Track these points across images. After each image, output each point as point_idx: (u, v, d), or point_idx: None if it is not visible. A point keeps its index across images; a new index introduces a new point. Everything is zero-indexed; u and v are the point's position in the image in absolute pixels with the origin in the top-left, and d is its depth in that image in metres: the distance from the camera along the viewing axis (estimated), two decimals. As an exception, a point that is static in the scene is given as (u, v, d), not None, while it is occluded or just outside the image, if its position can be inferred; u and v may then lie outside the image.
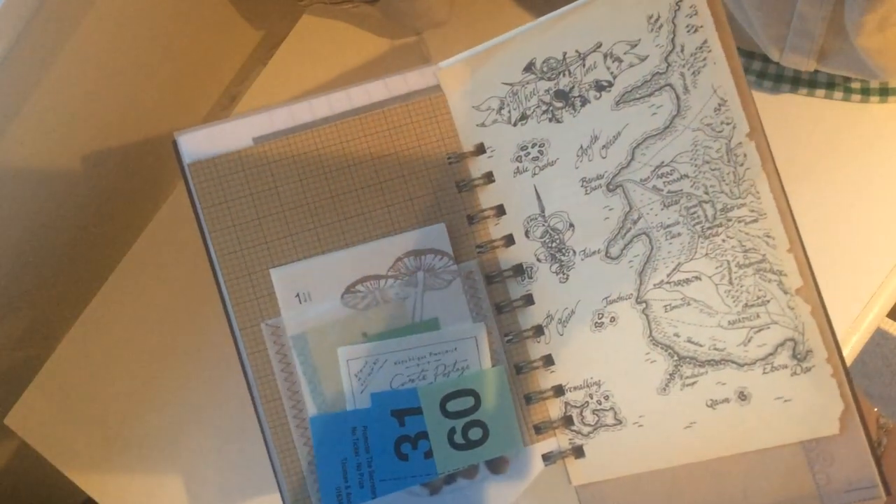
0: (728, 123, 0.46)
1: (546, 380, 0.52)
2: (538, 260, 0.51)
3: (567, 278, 0.51)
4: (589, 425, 0.51)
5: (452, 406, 0.50)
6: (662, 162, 0.48)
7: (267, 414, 0.50)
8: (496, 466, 0.51)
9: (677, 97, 0.47)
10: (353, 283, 0.51)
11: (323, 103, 0.52)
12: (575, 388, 0.51)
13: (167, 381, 0.62)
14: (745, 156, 0.46)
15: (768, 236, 0.45)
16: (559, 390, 0.51)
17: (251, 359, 0.50)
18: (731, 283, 0.47)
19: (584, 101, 0.49)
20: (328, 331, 0.50)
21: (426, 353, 0.50)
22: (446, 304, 0.51)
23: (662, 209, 0.48)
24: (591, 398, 0.51)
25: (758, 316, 0.46)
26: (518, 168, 0.51)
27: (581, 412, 0.51)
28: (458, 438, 0.50)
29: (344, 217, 0.51)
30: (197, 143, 0.51)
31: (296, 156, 0.52)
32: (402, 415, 0.50)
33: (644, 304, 0.49)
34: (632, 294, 0.49)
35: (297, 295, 0.50)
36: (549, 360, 0.52)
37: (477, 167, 0.52)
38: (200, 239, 0.51)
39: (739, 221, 0.46)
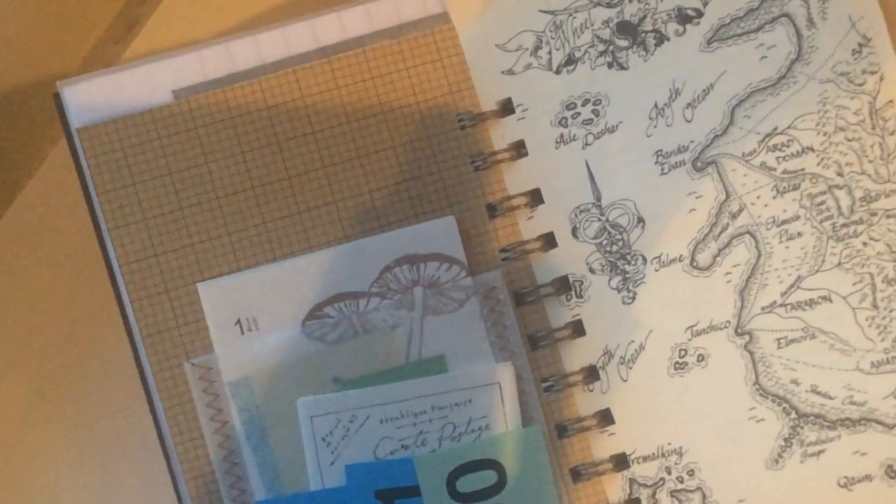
0: (873, 72, 0.45)
1: (602, 446, 0.50)
2: (591, 271, 0.50)
3: (634, 298, 0.49)
4: None
5: (466, 484, 0.48)
6: (776, 128, 0.47)
7: (192, 497, 0.48)
8: None
9: (797, 33, 0.46)
10: (321, 305, 0.49)
11: (276, 39, 0.51)
12: (645, 459, 0.50)
13: (42, 431, 0.59)
14: (897, 120, 0.45)
15: (933, 238, 0.45)
16: (622, 461, 0.50)
17: (169, 414, 0.49)
18: (875, 306, 0.46)
19: (661, 39, 0.48)
20: (283, 374, 0.49)
21: (427, 406, 0.49)
22: (457, 336, 0.49)
23: (775, 198, 0.47)
24: (669, 473, 0.49)
25: (915, 354, 0.46)
26: (562, 136, 0.50)
27: (654, 494, 0.50)
28: None
29: (306, 207, 0.50)
30: (90, 98, 0.50)
31: (236, 116, 0.50)
32: (392, 497, 0.48)
33: (747, 337, 0.48)
34: (729, 322, 0.48)
35: (238, 322, 0.49)
36: (606, 418, 0.50)
37: (502, 134, 0.51)
38: (95, 236, 0.49)
39: (889, 216, 0.46)
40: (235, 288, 0.49)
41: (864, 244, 0.46)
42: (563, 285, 0.50)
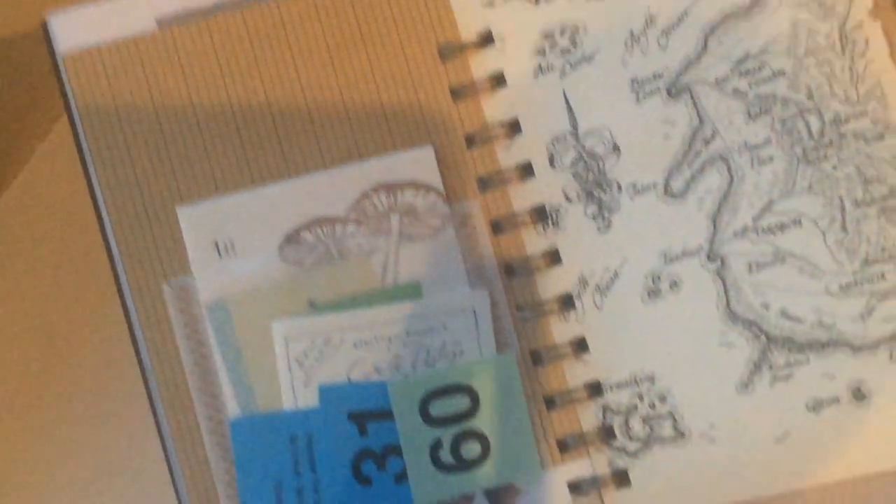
0: None
1: (577, 374, 0.53)
2: (567, 199, 0.54)
3: (609, 225, 0.53)
4: (637, 440, 0.53)
5: (438, 409, 0.52)
6: (748, 54, 0.50)
7: (168, 415, 0.53)
8: (501, 499, 0.52)
9: None
10: (298, 230, 0.53)
11: None
12: (618, 387, 0.53)
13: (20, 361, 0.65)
14: (866, 43, 0.48)
15: (900, 159, 0.47)
16: (595, 389, 0.53)
17: (147, 335, 0.53)
18: (844, 228, 0.49)
19: None
20: (260, 297, 0.53)
21: (402, 331, 0.52)
22: (433, 263, 0.53)
23: (747, 123, 0.50)
24: (642, 400, 0.53)
25: (883, 277, 0.49)
26: (540, 66, 0.54)
27: (626, 421, 0.53)
28: (446, 456, 0.52)
29: (285, 135, 0.54)
30: (76, 27, 0.54)
31: (218, 46, 0.55)
32: (365, 419, 0.52)
33: (719, 263, 0.51)
34: (702, 247, 0.51)
35: (216, 245, 0.53)
36: (581, 345, 0.54)
37: (481, 65, 0.55)
38: (80, 163, 0.54)
39: (858, 139, 0.49)
40: (214, 212, 0.53)
41: (834, 167, 0.49)
42: (540, 214, 0.54)
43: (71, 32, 0.54)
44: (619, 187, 0.53)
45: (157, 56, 0.54)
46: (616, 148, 0.53)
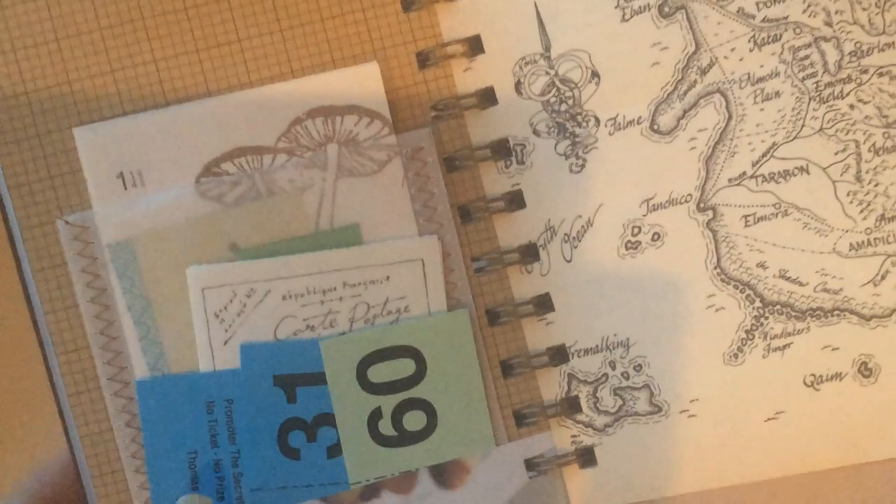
0: None
1: (539, 336, 0.51)
2: (535, 133, 0.50)
3: (583, 165, 0.49)
4: (607, 413, 0.50)
5: (378, 374, 0.49)
6: None
7: (64, 374, 0.49)
8: (447, 476, 0.50)
9: None
10: (218, 160, 0.49)
11: None
12: (586, 352, 0.50)
13: None
14: (896, -41, 0.45)
15: (928, 100, 0.45)
16: (560, 354, 0.50)
17: (38, 279, 0.49)
18: (858, 179, 0.46)
19: None
20: (172, 238, 0.49)
21: (337, 282, 0.49)
22: (376, 202, 0.49)
23: (752, 51, 0.47)
24: (613, 369, 0.50)
25: (901, 237, 0.46)
26: None
27: (594, 392, 0.50)
28: (387, 427, 0.49)
29: (205, 45, 0.49)
30: None
31: None
32: (293, 384, 0.49)
33: (710, 213, 0.48)
34: (691, 195, 0.48)
35: (121, 175, 0.49)
36: (545, 304, 0.50)
37: None
38: None
39: (882, 75, 0.46)
40: (119, 135, 0.48)
41: (851, 107, 0.46)
42: (502, 149, 0.50)
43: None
44: (597, 121, 0.49)
45: None
46: (595, 75, 0.49)
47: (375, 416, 0.49)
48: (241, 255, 0.49)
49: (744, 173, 0.47)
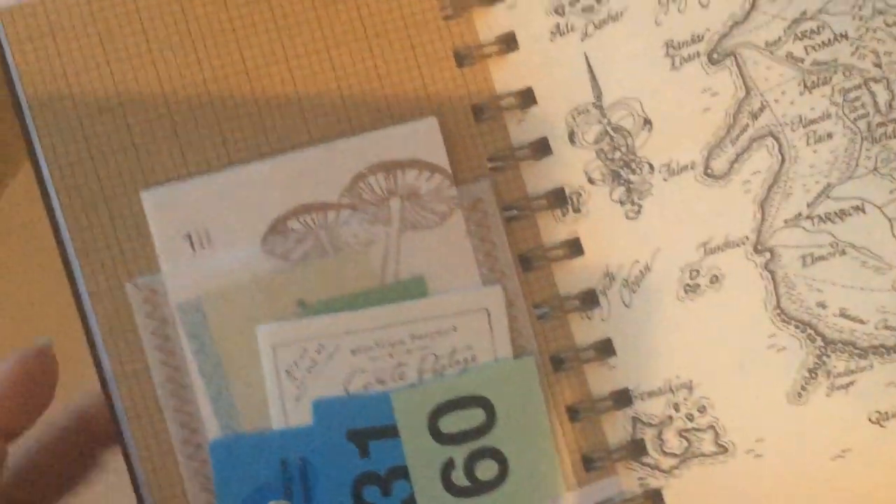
0: None
1: (602, 380, 0.51)
2: (590, 181, 0.50)
3: (639, 211, 0.49)
4: (673, 455, 0.50)
5: (449, 424, 0.49)
6: (804, 13, 0.46)
7: (136, 437, 0.48)
8: None
9: None
10: (283, 218, 0.49)
11: None
12: (650, 395, 0.50)
13: None
14: (945, 2, 0.45)
15: (983, 138, 0.45)
16: (624, 398, 0.50)
17: (108, 344, 0.48)
18: None
19: None
20: (240, 297, 0.49)
21: (405, 335, 0.49)
22: (439, 254, 0.49)
23: (802, 94, 0.47)
24: (678, 411, 0.50)
25: (960, 272, 0.46)
26: (559, 26, 0.50)
27: (660, 434, 0.50)
28: (459, 478, 0.49)
29: (266, 105, 0.49)
30: None
31: (185, 3, 0.49)
32: (366, 438, 0.49)
33: (768, 255, 0.48)
34: (748, 238, 0.48)
35: (188, 236, 0.49)
36: (607, 348, 0.50)
37: (489, 25, 0.51)
38: (25, 145, 0.49)
39: None
40: (185, 196, 0.49)
41: None
42: (559, 198, 0.50)
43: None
44: (651, 167, 0.49)
45: (111, 9, 0.49)
46: (647, 122, 0.49)
47: (448, 466, 0.49)
48: (308, 311, 0.49)
49: (799, 214, 0.47)
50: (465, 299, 0.49)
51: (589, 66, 0.49)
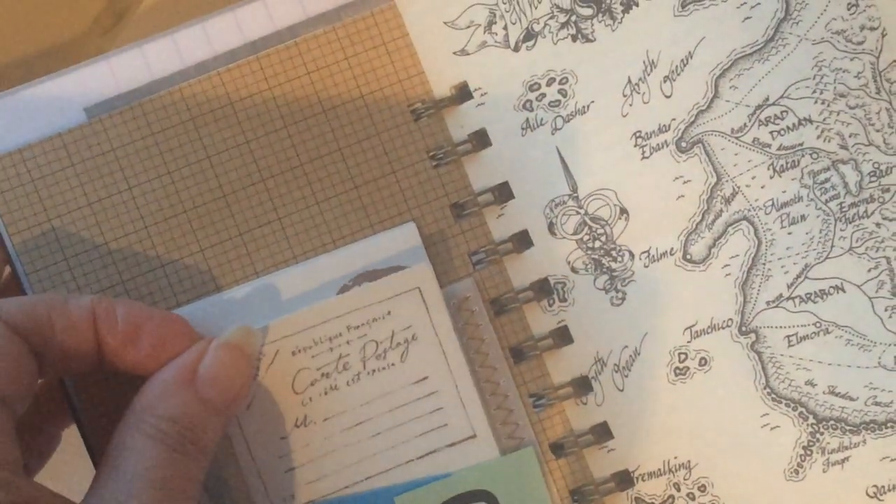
0: (873, 28, 0.45)
1: (603, 463, 0.51)
2: (574, 270, 0.50)
3: (623, 298, 0.50)
4: None
5: None
6: (767, 99, 0.47)
7: None
8: None
9: None
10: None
11: (195, 37, 0.50)
12: (650, 476, 0.50)
13: None
14: (905, 80, 0.44)
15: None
16: (625, 479, 0.51)
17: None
18: (894, 294, 0.47)
19: (629, 4, 0.48)
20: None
21: (341, 327, 0.49)
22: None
23: (772, 177, 0.47)
24: (679, 490, 0.50)
25: (944, 346, 0.46)
26: (528, 121, 0.50)
27: None
28: None
29: (247, 228, 0.50)
30: None
31: (158, 132, 0.50)
32: None
33: (753, 336, 0.48)
34: (732, 320, 0.48)
35: None
36: (604, 432, 0.51)
37: (460, 123, 0.51)
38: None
39: None
40: None
41: (878, 225, 0.46)
42: (544, 288, 0.50)
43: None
44: (632, 255, 0.49)
45: (87, 151, 0.49)
46: (624, 211, 0.49)
47: (459, 567, 0.49)
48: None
49: (780, 295, 0.47)
50: (395, 282, 0.49)
51: (561, 158, 0.50)
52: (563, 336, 0.51)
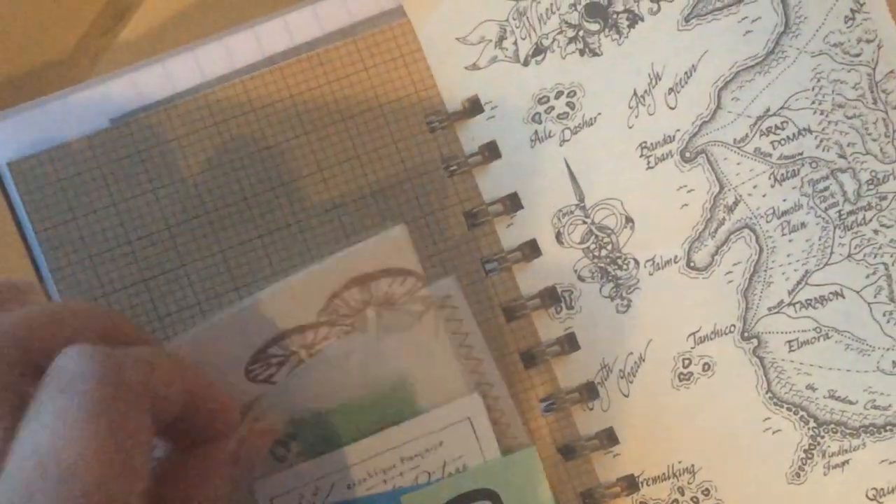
0: (869, 40, 0.46)
1: (609, 468, 0.51)
2: (580, 278, 0.51)
3: (629, 305, 0.50)
4: None
5: None
6: (768, 110, 0.48)
7: None
8: None
9: (783, 2, 0.47)
10: (263, 348, 0.49)
11: (216, 53, 0.52)
12: (655, 480, 0.51)
13: None
14: (901, 91, 0.45)
15: (948, 220, 0.45)
16: (631, 484, 0.51)
17: None
18: (892, 299, 0.47)
19: (635, 19, 0.49)
20: None
21: (395, 459, 0.49)
22: (418, 353, 0.50)
23: (773, 186, 0.48)
24: (683, 494, 0.50)
25: (942, 350, 0.46)
26: (537, 133, 0.51)
27: None
28: None
29: (267, 230, 0.51)
30: (19, 132, 0.51)
31: (181, 136, 0.51)
32: None
33: (755, 342, 0.49)
34: (734, 326, 0.49)
35: None
36: (610, 436, 0.51)
37: (471, 135, 0.52)
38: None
39: None
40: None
41: (875, 232, 0.47)
42: (552, 296, 0.51)
43: (14, 138, 0.51)
44: (637, 263, 0.50)
45: (114, 153, 0.51)
46: (629, 220, 0.50)
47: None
48: (301, 426, 0.49)
49: (781, 301, 0.48)
50: (447, 413, 0.50)
51: (569, 169, 0.50)
52: (570, 343, 0.51)
